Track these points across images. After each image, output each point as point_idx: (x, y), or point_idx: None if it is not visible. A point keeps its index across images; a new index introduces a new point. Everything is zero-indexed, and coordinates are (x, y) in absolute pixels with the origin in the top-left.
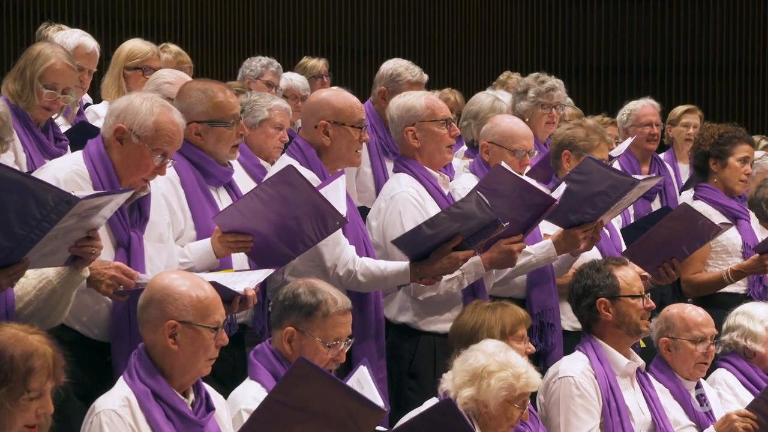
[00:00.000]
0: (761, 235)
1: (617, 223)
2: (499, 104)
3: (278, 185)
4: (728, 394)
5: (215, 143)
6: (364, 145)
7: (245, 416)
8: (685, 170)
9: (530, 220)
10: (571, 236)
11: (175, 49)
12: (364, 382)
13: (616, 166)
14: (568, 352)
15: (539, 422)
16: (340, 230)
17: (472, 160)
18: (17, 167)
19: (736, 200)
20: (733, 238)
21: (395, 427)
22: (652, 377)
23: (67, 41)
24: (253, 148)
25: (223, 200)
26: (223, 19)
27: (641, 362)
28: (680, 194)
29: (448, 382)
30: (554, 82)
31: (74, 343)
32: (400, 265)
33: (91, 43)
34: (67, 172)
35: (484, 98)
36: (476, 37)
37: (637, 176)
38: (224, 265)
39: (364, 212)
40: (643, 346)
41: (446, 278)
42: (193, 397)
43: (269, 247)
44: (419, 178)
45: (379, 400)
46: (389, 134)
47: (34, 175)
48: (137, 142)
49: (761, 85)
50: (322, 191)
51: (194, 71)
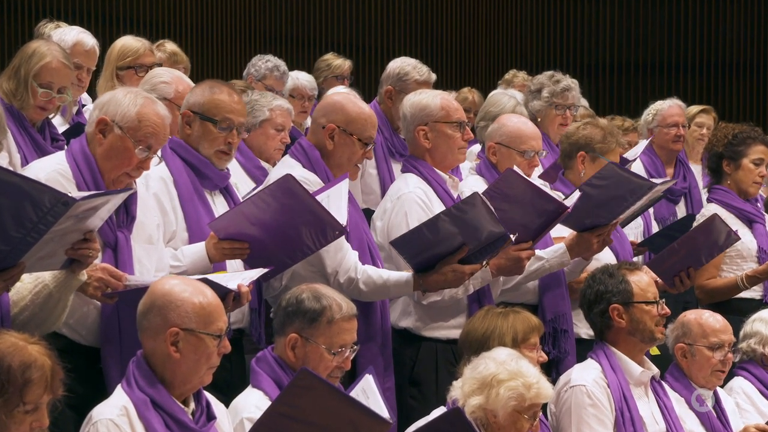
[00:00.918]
0: None
1: (637, 228)
2: (521, 109)
3: (277, 194)
4: (746, 403)
5: (199, 138)
6: None
7: (247, 425)
8: (697, 171)
9: (541, 227)
10: (584, 240)
11: (170, 48)
12: (369, 391)
13: (633, 169)
14: (581, 360)
15: None
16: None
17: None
18: (11, 168)
19: (750, 203)
20: (748, 242)
21: None
22: (666, 386)
23: (65, 38)
24: (253, 149)
25: (218, 204)
26: (224, 15)
27: (656, 370)
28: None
29: (456, 389)
30: (569, 82)
31: (64, 350)
32: (403, 275)
33: (89, 40)
34: (48, 171)
35: (506, 101)
36: (486, 34)
37: (654, 180)
38: (218, 268)
39: (368, 214)
40: (656, 353)
41: None
42: (193, 405)
43: (266, 254)
44: (427, 179)
45: (384, 411)
46: (396, 135)
47: None
48: (119, 133)
49: None
50: (324, 194)
51: (194, 71)
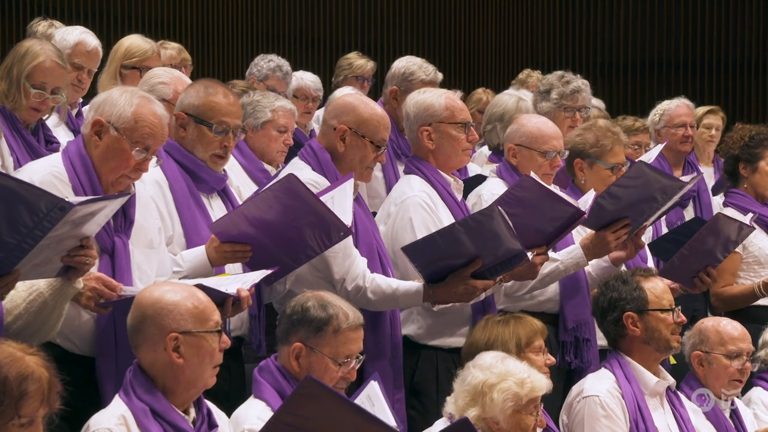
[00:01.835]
0: None
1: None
2: (524, 104)
3: (279, 194)
4: (765, 414)
5: (194, 142)
6: None
7: None
8: (708, 174)
9: (556, 231)
10: (601, 239)
11: (176, 45)
12: (374, 399)
13: None
14: (594, 370)
15: None
16: (351, 241)
17: (497, 164)
18: (5, 171)
19: None
20: (765, 248)
21: None
22: (683, 396)
23: (67, 38)
24: (255, 151)
25: (215, 208)
26: (226, 14)
27: (671, 380)
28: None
29: (450, 405)
30: (580, 83)
31: (57, 360)
32: (413, 285)
33: (92, 40)
34: (43, 174)
35: (507, 99)
36: (495, 32)
37: (683, 178)
38: (217, 272)
39: None
40: (673, 362)
41: None
42: (194, 414)
43: (269, 257)
44: (431, 181)
45: (391, 419)
46: (402, 137)
47: None
48: (116, 134)
49: None
50: (328, 195)
51: (195, 71)
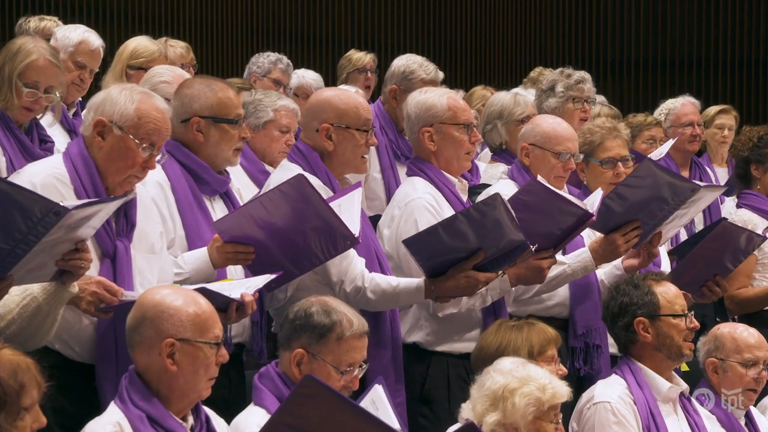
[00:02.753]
0: None
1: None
2: (521, 98)
3: (287, 195)
4: None
5: (217, 143)
6: (372, 149)
7: None
8: (722, 174)
9: (564, 234)
10: (609, 242)
11: (184, 44)
12: (378, 402)
13: None
14: (604, 376)
15: None
16: None
17: (508, 165)
18: None
19: None
20: None
21: None
22: (696, 402)
23: (70, 36)
24: (256, 152)
25: (217, 210)
26: (224, 10)
27: (684, 386)
28: (722, 202)
29: (467, 411)
30: (582, 74)
31: (56, 367)
32: (413, 281)
33: (95, 40)
34: (44, 176)
35: (503, 96)
36: (503, 29)
37: (698, 182)
38: (220, 276)
39: (374, 221)
40: (685, 369)
41: None
42: (192, 421)
43: (271, 262)
44: (436, 183)
45: (395, 422)
46: (401, 137)
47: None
48: (120, 133)
49: None
50: (335, 203)
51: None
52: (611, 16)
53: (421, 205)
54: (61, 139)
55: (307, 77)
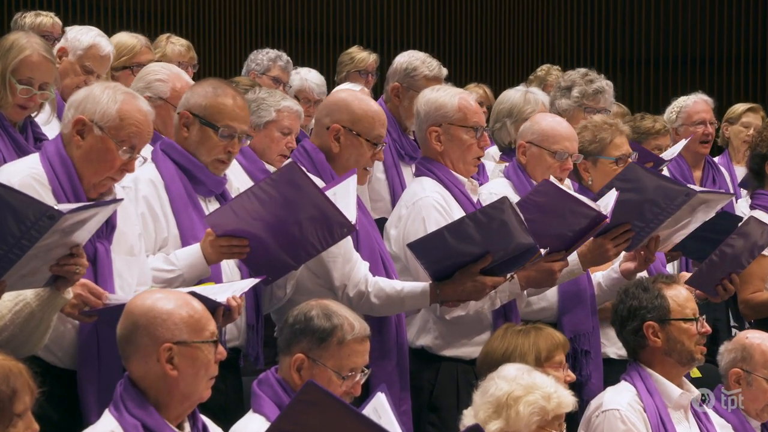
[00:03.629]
0: None
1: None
2: (532, 96)
3: (279, 184)
4: None
5: (196, 144)
6: None
7: None
8: (741, 174)
9: (576, 236)
10: (598, 246)
11: (185, 42)
12: (381, 410)
13: (665, 172)
14: (610, 383)
15: None
16: (351, 245)
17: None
18: None
19: None
20: None
21: None
22: (710, 410)
23: (81, 38)
24: (255, 151)
25: None
26: (223, 6)
27: (696, 392)
28: (736, 201)
29: (469, 418)
30: (604, 83)
31: (37, 374)
32: (418, 285)
33: (106, 46)
34: (22, 176)
35: (513, 93)
36: (509, 26)
37: (694, 187)
38: (214, 275)
39: (378, 224)
40: (697, 375)
41: None
42: (188, 428)
43: (267, 254)
44: (444, 182)
45: (398, 431)
46: (405, 136)
47: None
48: (100, 134)
49: None
50: (329, 192)
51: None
52: (621, 11)
53: (429, 204)
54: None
55: (310, 81)
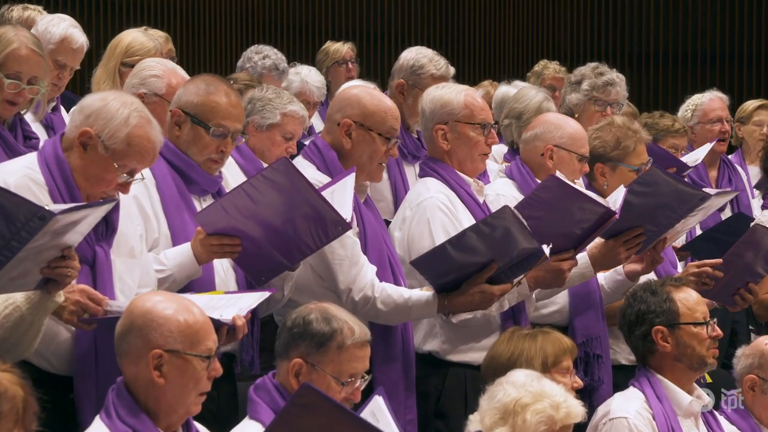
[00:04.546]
0: None
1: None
2: (547, 105)
3: (271, 180)
4: None
5: (188, 142)
6: None
7: None
8: (755, 174)
9: (585, 234)
10: (610, 249)
11: (163, 34)
12: (379, 414)
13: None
14: (621, 389)
15: None
16: (359, 248)
17: (509, 163)
18: None
19: None
20: None
21: None
22: (722, 417)
23: (52, 30)
24: (255, 152)
25: None
26: (218, 1)
27: (707, 399)
28: (753, 197)
29: (475, 424)
30: (614, 76)
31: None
32: (424, 294)
33: (80, 37)
34: (18, 177)
35: (533, 95)
36: (514, 21)
37: (708, 189)
38: (206, 276)
39: None
40: (708, 381)
41: None
42: None
43: (260, 253)
44: (450, 183)
45: None
46: (408, 135)
47: None
48: (103, 153)
49: None
50: (328, 190)
51: (182, 64)
52: (629, 6)
53: (433, 204)
54: (38, 134)
55: (311, 83)
